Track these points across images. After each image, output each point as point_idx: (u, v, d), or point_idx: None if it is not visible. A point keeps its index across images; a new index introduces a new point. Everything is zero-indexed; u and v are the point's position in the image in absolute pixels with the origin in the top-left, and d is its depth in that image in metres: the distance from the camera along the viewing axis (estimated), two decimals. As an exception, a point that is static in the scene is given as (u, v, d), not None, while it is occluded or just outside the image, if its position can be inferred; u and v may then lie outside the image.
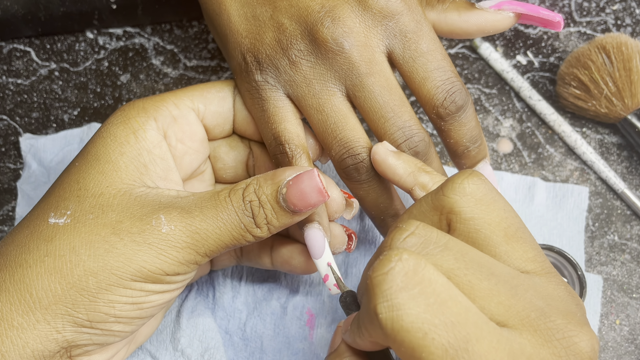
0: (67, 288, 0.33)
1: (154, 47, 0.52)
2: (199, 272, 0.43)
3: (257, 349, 0.43)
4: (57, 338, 0.33)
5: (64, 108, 0.50)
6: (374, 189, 0.38)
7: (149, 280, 0.34)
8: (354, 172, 0.37)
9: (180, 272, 0.34)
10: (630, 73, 0.46)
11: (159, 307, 0.35)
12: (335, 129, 0.37)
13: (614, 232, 0.47)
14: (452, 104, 0.37)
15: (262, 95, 0.37)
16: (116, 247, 0.33)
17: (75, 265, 0.33)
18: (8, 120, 0.50)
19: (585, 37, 0.52)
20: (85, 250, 0.33)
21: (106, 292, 0.33)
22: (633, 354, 0.44)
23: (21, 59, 0.51)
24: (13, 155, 0.49)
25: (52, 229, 0.34)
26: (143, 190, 0.35)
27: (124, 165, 0.35)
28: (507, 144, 0.49)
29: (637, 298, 0.45)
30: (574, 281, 0.43)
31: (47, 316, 0.33)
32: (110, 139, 0.36)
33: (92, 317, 0.33)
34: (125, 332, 0.35)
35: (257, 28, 0.37)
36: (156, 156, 0.36)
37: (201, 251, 0.34)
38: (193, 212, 0.34)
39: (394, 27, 0.37)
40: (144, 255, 0.33)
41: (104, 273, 0.33)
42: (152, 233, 0.33)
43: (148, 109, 0.37)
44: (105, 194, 0.34)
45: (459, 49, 0.52)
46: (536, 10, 0.40)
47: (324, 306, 0.45)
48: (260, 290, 0.45)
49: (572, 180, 0.48)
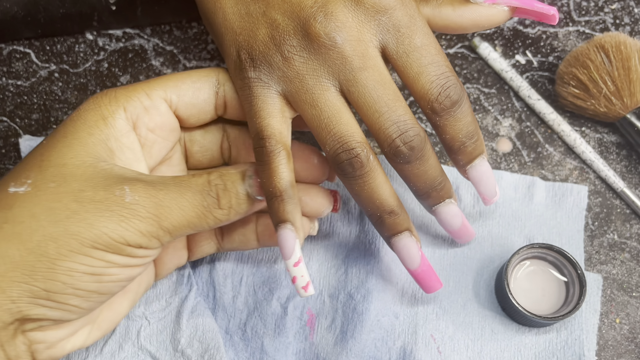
0: (25, 254, 0.32)
1: (153, 48, 0.52)
2: (175, 261, 0.42)
3: (257, 349, 0.44)
4: (11, 308, 0.32)
5: (64, 109, 0.50)
6: (369, 184, 0.38)
7: (110, 249, 0.33)
8: (349, 167, 0.37)
9: (143, 244, 0.34)
10: (629, 72, 0.46)
11: (118, 283, 0.35)
12: (329, 123, 0.37)
13: (614, 231, 0.47)
14: (446, 99, 0.37)
15: (253, 92, 0.38)
16: (78, 213, 0.33)
17: (35, 231, 0.32)
18: (8, 121, 0.50)
19: (584, 36, 0.52)
20: (45, 216, 0.33)
21: (65, 259, 0.32)
22: (633, 352, 0.44)
23: (21, 60, 0.52)
24: (13, 157, 0.49)
25: (12, 197, 0.34)
26: (108, 165, 0.35)
27: (92, 144, 0.36)
28: (507, 143, 0.49)
29: (636, 297, 0.45)
30: (573, 280, 0.43)
31: (3, 284, 0.32)
32: (80, 122, 0.36)
33: (50, 287, 0.32)
34: (82, 309, 0.34)
35: (251, 25, 0.37)
36: (123, 145, 0.37)
37: (164, 225, 0.34)
38: (157, 186, 0.34)
39: (387, 22, 0.37)
40: (106, 221, 0.33)
41: (64, 238, 0.32)
42: (115, 201, 0.33)
43: (119, 98, 0.37)
44: (68, 165, 0.34)
45: (457, 48, 0.52)
46: (530, 3, 0.40)
47: (325, 306, 0.45)
48: (260, 290, 0.45)
49: (571, 179, 0.48)
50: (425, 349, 0.43)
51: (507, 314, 0.44)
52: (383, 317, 0.44)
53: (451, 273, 0.45)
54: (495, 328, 0.44)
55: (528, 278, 0.44)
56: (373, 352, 0.43)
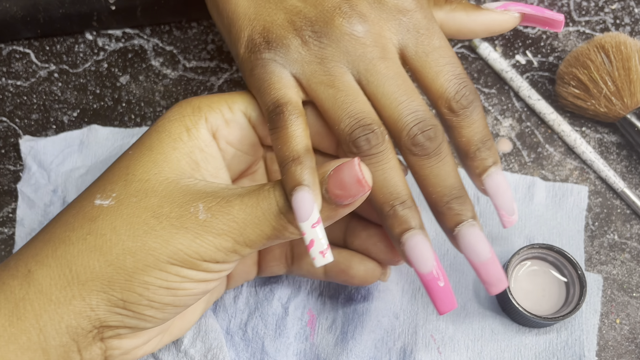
0: (104, 265, 0.33)
1: (153, 48, 0.52)
2: (243, 276, 0.43)
3: (258, 349, 0.44)
4: (90, 315, 0.33)
5: (63, 109, 0.50)
6: (383, 165, 0.36)
7: (186, 265, 0.34)
8: (365, 142, 0.36)
9: (219, 259, 0.34)
10: (629, 72, 0.46)
11: (193, 297, 0.35)
12: (346, 100, 0.36)
13: (614, 231, 0.47)
14: (464, 98, 0.37)
15: (266, 69, 0.37)
16: (155, 229, 0.33)
17: (115, 244, 0.33)
18: (8, 122, 0.50)
19: (584, 36, 0.52)
20: (125, 230, 0.34)
21: (142, 273, 0.33)
22: (633, 353, 0.44)
23: (20, 60, 0.51)
24: (13, 157, 0.49)
25: (97, 210, 0.35)
26: (190, 181, 0.35)
27: (176, 159, 0.36)
28: (507, 143, 0.49)
29: (637, 297, 0.45)
30: (574, 280, 0.43)
31: (83, 292, 0.33)
32: (164, 134, 0.36)
33: (126, 297, 0.33)
34: (157, 319, 0.35)
35: (269, 10, 0.38)
36: (208, 154, 0.37)
37: (240, 239, 0.34)
38: (233, 202, 0.34)
39: (407, 23, 0.37)
40: (181, 238, 0.33)
41: (142, 253, 0.33)
42: (190, 219, 0.34)
43: (202, 107, 0.37)
44: (151, 180, 0.35)
45: (458, 48, 0.52)
46: (541, 10, 0.41)
47: (325, 307, 0.45)
48: (261, 290, 0.45)
49: (571, 179, 0.48)
50: (426, 350, 0.43)
51: (507, 314, 0.44)
52: (383, 317, 0.44)
53: (451, 273, 0.45)
54: (495, 328, 0.44)
55: (528, 278, 0.44)
56: (373, 352, 0.43)
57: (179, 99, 0.50)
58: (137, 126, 0.50)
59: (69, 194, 0.47)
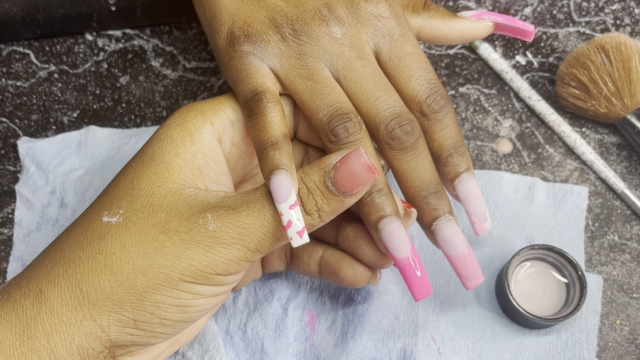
0: (115, 285, 0.33)
1: (153, 48, 0.52)
2: (251, 276, 0.43)
3: (257, 349, 0.44)
4: (101, 336, 0.33)
5: (63, 110, 0.50)
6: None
7: (199, 280, 0.34)
8: (342, 130, 0.36)
9: (232, 270, 0.34)
10: (629, 73, 0.46)
11: (204, 312, 0.35)
12: (323, 91, 0.37)
13: (614, 232, 0.47)
14: (435, 102, 0.38)
15: (244, 61, 0.38)
16: (165, 246, 0.33)
17: (125, 263, 0.33)
18: (7, 122, 0.50)
19: (585, 37, 0.52)
20: (135, 248, 0.33)
21: (153, 292, 0.33)
22: (634, 354, 0.44)
23: (20, 61, 0.51)
24: (12, 158, 0.49)
25: (105, 227, 0.34)
26: (192, 191, 0.35)
27: (177, 167, 0.36)
28: (507, 144, 0.49)
29: (637, 298, 0.45)
30: (574, 281, 0.43)
31: (94, 313, 0.33)
32: (166, 141, 0.36)
33: (138, 317, 0.33)
34: (168, 335, 0.35)
35: (251, 7, 0.38)
36: (210, 159, 0.37)
37: (251, 246, 0.34)
38: (239, 209, 0.34)
39: (382, 28, 0.39)
40: (192, 253, 0.33)
41: (153, 271, 0.33)
42: (199, 231, 0.33)
43: (206, 112, 0.37)
44: (156, 194, 0.35)
45: (458, 49, 0.52)
46: (513, 20, 0.42)
47: (325, 307, 0.45)
48: (261, 291, 0.45)
49: (571, 180, 0.48)
50: (426, 350, 0.43)
51: (508, 315, 0.44)
52: (383, 318, 0.44)
53: (452, 274, 0.45)
54: (495, 329, 0.44)
55: (528, 279, 0.44)
56: (373, 353, 0.43)
57: (179, 99, 0.50)
58: (136, 127, 0.50)
59: (67, 195, 0.47)
